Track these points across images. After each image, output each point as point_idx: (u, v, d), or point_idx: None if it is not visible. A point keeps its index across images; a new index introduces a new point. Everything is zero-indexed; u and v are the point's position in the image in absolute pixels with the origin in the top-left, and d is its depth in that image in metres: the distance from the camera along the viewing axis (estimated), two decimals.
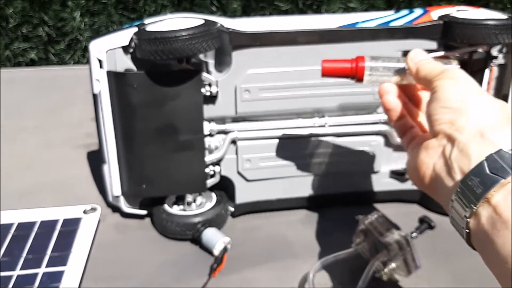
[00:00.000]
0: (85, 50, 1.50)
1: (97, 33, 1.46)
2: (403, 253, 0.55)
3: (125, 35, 0.62)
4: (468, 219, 0.37)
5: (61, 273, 0.58)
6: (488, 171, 0.36)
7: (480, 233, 0.37)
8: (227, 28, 0.62)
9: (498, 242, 0.34)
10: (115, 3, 1.44)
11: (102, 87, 0.63)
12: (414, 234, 0.63)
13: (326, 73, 0.54)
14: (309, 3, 1.48)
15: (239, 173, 0.70)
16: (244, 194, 0.71)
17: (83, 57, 1.51)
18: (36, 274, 0.58)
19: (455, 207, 0.39)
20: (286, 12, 1.48)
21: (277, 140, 0.69)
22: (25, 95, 1.21)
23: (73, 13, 1.42)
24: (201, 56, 0.64)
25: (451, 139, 0.41)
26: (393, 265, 0.56)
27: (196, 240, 0.66)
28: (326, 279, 0.60)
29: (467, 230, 0.38)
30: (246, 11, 1.48)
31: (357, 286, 0.55)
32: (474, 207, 0.37)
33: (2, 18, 1.44)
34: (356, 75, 0.53)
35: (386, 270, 0.57)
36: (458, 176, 0.39)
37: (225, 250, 0.63)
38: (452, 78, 0.45)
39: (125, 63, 0.62)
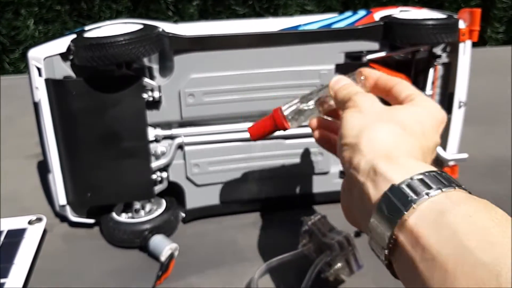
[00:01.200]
0: None
1: (51, 41, 1.44)
2: (344, 253, 0.55)
3: (63, 42, 0.61)
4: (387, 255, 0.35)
5: (1, 285, 0.57)
6: (386, 213, 0.34)
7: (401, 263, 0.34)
8: (168, 33, 0.62)
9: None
10: (69, 10, 1.42)
11: (41, 95, 0.62)
12: (358, 233, 0.63)
13: (255, 137, 0.55)
14: (266, 7, 1.49)
15: (188, 178, 0.69)
16: (194, 199, 0.70)
17: None
18: None
19: (374, 248, 0.37)
20: (243, 16, 1.49)
21: (225, 144, 0.69)
22: None
23: (26, 21, 1.39)
24: (145, 61, 0.64)
25: (353, 180, 0.39)
26: (339, 265, 0.57)
27: (144, 248, 0.65)
28: (272, 281, 0.60)
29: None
30: (203, 16, 1.48)
31: (301, 286, 0.55)
32: (386, 251, 0.34)
33: None
34: (282, 127, 0.53)
35: (331, 270, 0.57)
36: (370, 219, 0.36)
37: (172, 256, 0.62)
38: (354, 107, 0.43)
39: (63, 70, 0.61)
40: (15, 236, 0.66)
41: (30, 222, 0.68)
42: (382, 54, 0.67)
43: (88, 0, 1.40)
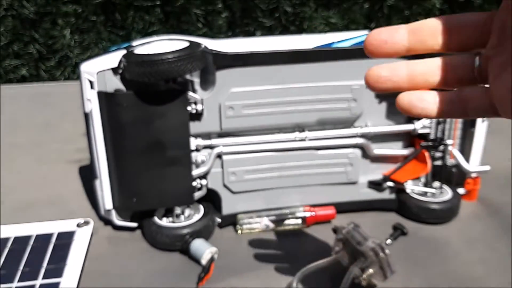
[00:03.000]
0: (75, 66, 1.53)
1: (86, 50, 1.50)
2: (378, 260, 0.59)
3: (115, 57, 0.65)
4: None
5: (57, 285, 0.61)
6: None
7: None
8: (211, 50, 0.66)
9: None
10: (104, 21, 1.48)
11: (93, 106, 0.66)
12: (389, 241, 0.67)
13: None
14: (291, 19, 1.54)
15: (225, 185, 0.73)
16: (230, 205, 0.74)
17: (73, 73, 1.54)
18: (33, 286, 0.61)
19: None
20: (269, 28, 1.54)
21: (260, 154, 0.73)
22: (18, 111, 1.24)
23: (63, 31, 1.46)
24: (187, 76, 0.68)
25: None
26: (370, 271, 0.60)
27: (185, 251, 0.69)
28: (309, 286, 0.63)
29: None
30: (231, 28, 1.53)
31: None
32: None
33: None
34: None
35: (364, 276, 0.60)
36: None
37: (212, 259, 0.66)
38: None
39: (114, 83, 0.66)
40: (66, 238, 0.70)
41: (78, 225, 0.73)
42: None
43: (122, 12, 1.46)
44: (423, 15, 1.57)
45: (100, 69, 0.65)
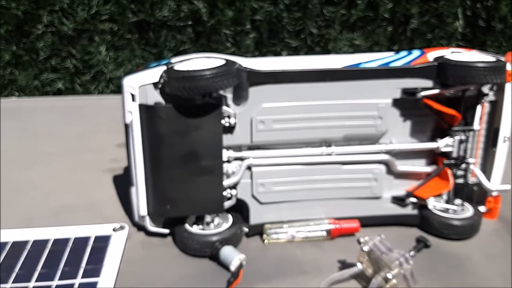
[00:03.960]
0: (109, 81, 1.60)
1: (120, 66, 1.57)
2: (402, 271, 0.61)
3: (155, 73, 0.70)
4: None
5: (95, 284, 0.65)
6: None
7: None
8: (245, 68, 0.70)
9: None
10: (138, 39, 1.55)
11: (133, 118, 0.71)
12: (412, 253, 0.69)
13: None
14: (317, 41, 1.58)
15: (253, 196, 0.77)
16: (257, 215, 0.78)
17: (106, 88, 1.61)
18: (73, 284, 0.65)
19: None
20: (295, 49, 1.58)
21: (288, 167, 0.76)
22: (54, 122, 1.31)
23: (99, 48, 1.53)
24: (221, 91, 0.72)
25: None
26: (394, 281, 0.63)
27: (214, 257, 0.72)
28: None
29: None
30: (258, 47, 1.58)
31: None
32: None
33: (33, 51, 1.56)
34: None
35: (387, 286, 0.63)
36: None
37: (241, 266, 0.69)
38: None
39: (154, 97, 0.70)
40: (102, 241, 0.74)
41: (114, 230, 0.77)
42: (436, 91, 0.74)
43: (156, 31, 1.53)
44: (445, 39, 1.60)
45: (142, 83, 0.70)
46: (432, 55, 0.77)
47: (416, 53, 0.79)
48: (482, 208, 0.81)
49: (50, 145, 1.15)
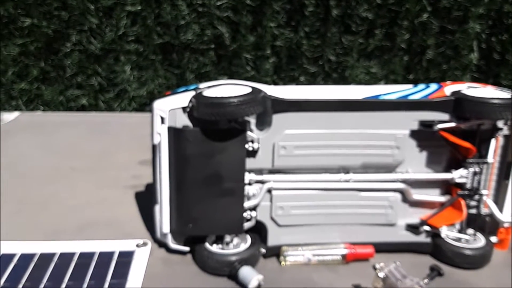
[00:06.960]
0: (132, 99, 1.65)
1: (143, 85, 1.62)
2: None
3: (184, 98, 0.74)
4: None
5: None
6: None
7: None
8: (270, 96, 0.74)
9: None
10: (162, 60, 1.61)
11: (162, 139, 0.74)
12: (426, 281, 0.71)
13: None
14: (334, 67, 1.62)
15: (272, 218, 0.80)
16: (275, 237, 0.80)
17: (129, 105, 1.66)
18: None
19: None
20: (313, 74, 1.63)
21: (307, 191, 0.79)
22: (77, 137, 1.35)
23: (124, 67, 1.58)
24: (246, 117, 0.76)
25: None
26: None
27: (232, 276, 0.75)
28: None
29: None
30: (277, 72, 1.63)
31: None
32: None
33: (60, 67, 1.62)
34: None
35: None
36: None
37: (259, 286, 0.72)
38: None
39: (183, 120, 0.74)
40: (126, 257, 0.77)
41: (137, 245, 0.80)
42: (452, 124, 0.77)
43: (179, 53, 1.59)
44: (460, 70, 1.63)
45: (172, 107, 0.74)
46: (449, 89, 0.80)
47: (433, 86, 0.82)
48: (493, 239, 0.83)
49: (74, 161, 1.18)
